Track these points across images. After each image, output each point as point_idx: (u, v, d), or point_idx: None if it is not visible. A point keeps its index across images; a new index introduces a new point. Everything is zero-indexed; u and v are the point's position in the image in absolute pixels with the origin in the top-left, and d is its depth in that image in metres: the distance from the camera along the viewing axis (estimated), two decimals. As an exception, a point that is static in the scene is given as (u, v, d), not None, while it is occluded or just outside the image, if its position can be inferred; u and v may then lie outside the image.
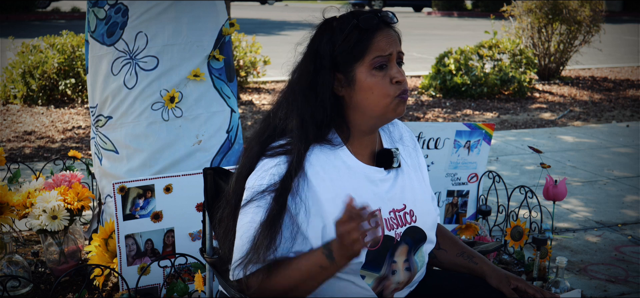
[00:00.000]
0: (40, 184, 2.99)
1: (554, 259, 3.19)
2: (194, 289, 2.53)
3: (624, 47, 14.21)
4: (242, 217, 1.65)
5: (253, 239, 1.59)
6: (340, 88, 1.67)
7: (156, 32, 2.93)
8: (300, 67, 1.70)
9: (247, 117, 6.81)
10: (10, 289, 2.73)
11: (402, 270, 1.73)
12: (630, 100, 8.35)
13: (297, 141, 1.63)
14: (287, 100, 1.69)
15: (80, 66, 6.99)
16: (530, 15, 9.33)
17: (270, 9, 28.42)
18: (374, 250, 1.67)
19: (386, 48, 1.65)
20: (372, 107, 1.66)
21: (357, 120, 1.70)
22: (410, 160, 1.84)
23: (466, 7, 27.02)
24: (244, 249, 1.61)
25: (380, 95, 1.65)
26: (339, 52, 1.65)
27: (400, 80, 1.65)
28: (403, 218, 1.73)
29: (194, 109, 2.99)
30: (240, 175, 1.70)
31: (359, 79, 1.65)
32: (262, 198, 1.61)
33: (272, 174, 1.62)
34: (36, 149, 5.43)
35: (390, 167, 1.75)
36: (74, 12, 19.89)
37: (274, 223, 1.59)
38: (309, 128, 1.65)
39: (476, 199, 3.44)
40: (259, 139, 1.70)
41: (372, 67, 1.64)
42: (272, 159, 1.64)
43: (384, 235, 1.68)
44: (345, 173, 1.68)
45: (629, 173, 5.06)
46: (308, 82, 1.66)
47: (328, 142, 1.69)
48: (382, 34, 1.65)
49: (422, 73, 9.21)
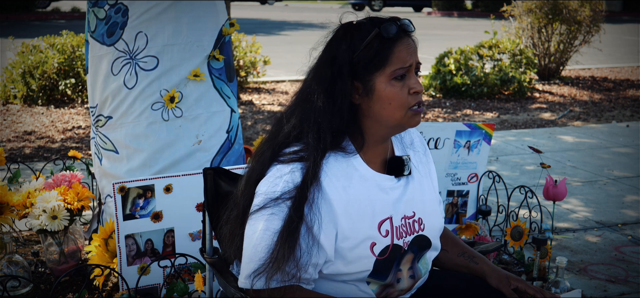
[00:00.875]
0: (40, 184, 2.99)
1: (554, 259, 3.19)
2: (194, 289, 2.53)
3: (624, 47, 14.21)
4: (253, 223, 1.61)
5: (270, 249, 1.57)
6: (358, 96, 1.65)
7: (156, 32, 2.93)
8: (317, 72, 1.67)
9: (247, 117, 6.81)
10: (10, 289, 2.73)
11: (407, 278, 1.73)
12: (630, 100, 8.35)
13: (313, 149, 1.61)
14: (302, 105, 1.67)
15: (80, 66, 6.99)
16: (530, 15, 9.33)
17: (270, 9, 28.40)
18: (382, 259, 1.66)
19: (407, 59, 1.63)
20: (389, 117, 1.65)
21: (372, 129, 1.68)
22: (421, 167, 1.83)
23: (466, 7, 27.02)
24: (261, 258, 1.58)
25: (397, 105, 1.63)
26: (358, 61, 1.63)
27: (418, 90, 1.65)
28: (412, 226, 1.73)
29: (194, 109, 2.99)
30: (251, 179, 1.68)
31: (378, 89, 1.63)
32: (277, 205, 1.58)
33: (286, 181, 1.60)
34: (36, 149, 5.43)
35: (401, 175, 1.74)
36: (74, 12, 19.89)
37: (292, 234, 1.57)
38: (326, 136, 1.62)
39: (476, 199, 3.44)
40: (271, 143, 1.67)
41: (392, 77, 1.63)
42: (287, 165, 1.62)
43: (392, 243, 1.68)
44: (357, 182, 1.67)
45: (629, 173, 5.06)
46: (325, 89, 1.63)
47: (342, 150, 1.67)
48: (402, 43, 1.64)
49: (422, 73, 9.17)
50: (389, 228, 1.68)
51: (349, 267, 1.64)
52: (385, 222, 1.68)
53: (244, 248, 1.63)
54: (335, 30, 1.69)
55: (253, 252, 1.59)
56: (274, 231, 1.58)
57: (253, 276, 1.59)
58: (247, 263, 1.61)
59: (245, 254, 1.62)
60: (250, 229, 1.62)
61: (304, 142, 1.64)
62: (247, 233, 1.63)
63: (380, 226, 1.67)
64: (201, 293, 2.47)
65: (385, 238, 1.67)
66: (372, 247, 1.65)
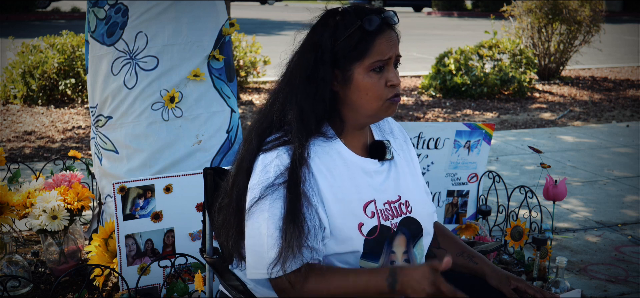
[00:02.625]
0: (40, 184, 2.98)
1: (554, 259, 3.19)
2: (194, 289, 2.53)
3: (624, 47, 14.21)
4: (257, 215, 1.62)
5: (280, 234, 1.58)
6: (337, 84, 1.68)
7: (156, 32, 2.93)
8: (300, 57, 1.70)
9: (247, 117, 6.81)
10: (10, 289, 2.73)
11: (402, 262, 1.73)
12: (630, 100, 8.35)
13: (297, 132, 1.64)
14: (285, 91, 1.69)
15: (80, 66, 6.99)
16: (530, 15, 9.32)
17: (270, 9, 28.41)
18: (372, 239, 1.67)
19: (386, 52, 1.66)
20: (365, 107, 1.68)
21: (350, 116, 1.71)
22: (402, 153, 1.86)
23: (466, 7, 27.02)
24: (276, 246, 1.58)
25: (374, 97, 1.67)
26: (339, 49, 1.65)
27: (395, 83, 1.68)
28: (398, 209, 1.75)
29: (194, 109, 2.99)
30: (241, 168, 1.69)
31: (355, 79, 1.66)
32: (274, 191, 1.60)
33: (276, 166, 1.62)
34: (36, 149, 5.43)
35: (383, 159, 1.76)
36: (74, 12, 19.89)
37: (296, 213, 1.58)
38: (309, 120, 1.65)
39: (476, 199, 3.44)
40: (257, 132, 1.70)
41: (371, 69, 1.65)
42: (271, 152, 1.64)
43: (380, 224, 1.69)
44: (341, 165, 1.70)
45: (629, 173, 5.06)
46: (307, 74, 1.66)
47: (322, 134, 1.70)
48: (384, 36, 1.66)
49: (422, 73, 9.20)
50: (374, 210, 1.70)
51: (340, 246, 1.66)
52: (370, 204, 1.70)
53: (253, 241, 1.63)
54: (320, 17, 1.71)
55: (266, 241, 1.59)
56: (278, 216, 1.59)
57: (269, 264, 1.59)
58: (260, 254, 1.60)
59: (256, 246, 1.62)
60: (255, 223, 1.62)
61: (286, 127, 1.66)
62: (252, 228, 1.63)
63: (366, 207, 1.69)
64: (201, 293, 2.47)
65: (372, 219, 1.69)
66: (360, 227, 1.67)
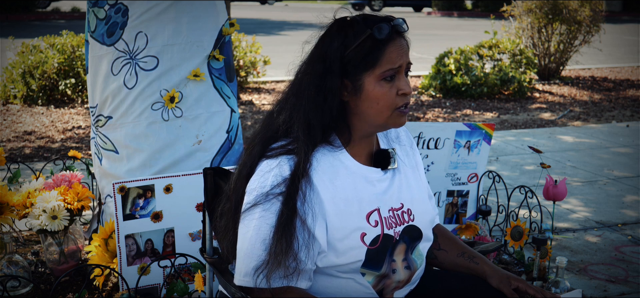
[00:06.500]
0: (40, 184, 2.99)
1: (554, 259, 3.19)
2: (194, 289, 2.53)
3: (624, 47, 14.21)
4: (247, 221, 1.62)
5: (267, 244, 1.57)
6: (346, 94, 1.66)
7: (156, 32, 2.93)
8: (308, 67, 1.68)
9: (247, 117, 6.81)
10: (10, 289, 2.73)
11: (402, 269, 1.73)
12: (630, 100, 8.35)
13: (303, 143, 1.62)
14: (292, 101, 1.67)
15: (80, 66, 7.00)
16: (530, 15, 9.33)
17: (270, 9, 28.40)
18: (374, 249, 1.67)
19: (397, 60, 1.64)
20: (375, 117, 1.66)
21: (358, 126, 1.70)
22: (408, 160, 1.85)
23: (466, 7, 27.02)
24: (259, 255, 1.58)
25: (385, 106, 1.65)
26: (349, 59, 1.63)
27: (407, 92, 1.66)
28: (401, 217, 1.74)
29: (194, 109, 2.99)
30: (242, 174, 1.69)
31: (366, 88, 1.64)
32: (268, 201, 1.59)
33: (275, 175, 1.61)
34: (36, 149, 5.43)
35: (387, 168, 1.75)
36: (74, 12, 19.90)
37: (287, 228, 1.57)
38: (316, 131, 1.64)
39: (476, 199, 3.44)
40: (261, 139, 1.69)
41: (382, 78, 1.64)
42: (274, 160, 1.63)
43: (383, 234, 1.69)
44: (343, 174, 1.69)
45: (629, 173, 5.06)
46: (315, 85, 1.64)
47: (329, 144, 1.69)
48: (394, 44, 1.64)
49: (422, 73, 9.20)
50: (377, 219, 1.69)
51: (341, 258, 1.65)
52: (374, 213, 1.69)
53: (240, 246, 1.63)
54: (329, 26, 1.69)
55: (250, 249, 1.60)
56: (268, 226, 1.58)
57: (253, 273, 1.59)
58: (245, 261, 1.61)
59: (242, 252, 1.62)
60: (244, 227, 1.62)
61: (293, 136, 1.65)
62: (241, 231, 1.63)
63: (369, 217, 1.68)
64: (201, 293, 2.47)
65: (375, 228, 1.68)
66: (363, 237, 1.66)
